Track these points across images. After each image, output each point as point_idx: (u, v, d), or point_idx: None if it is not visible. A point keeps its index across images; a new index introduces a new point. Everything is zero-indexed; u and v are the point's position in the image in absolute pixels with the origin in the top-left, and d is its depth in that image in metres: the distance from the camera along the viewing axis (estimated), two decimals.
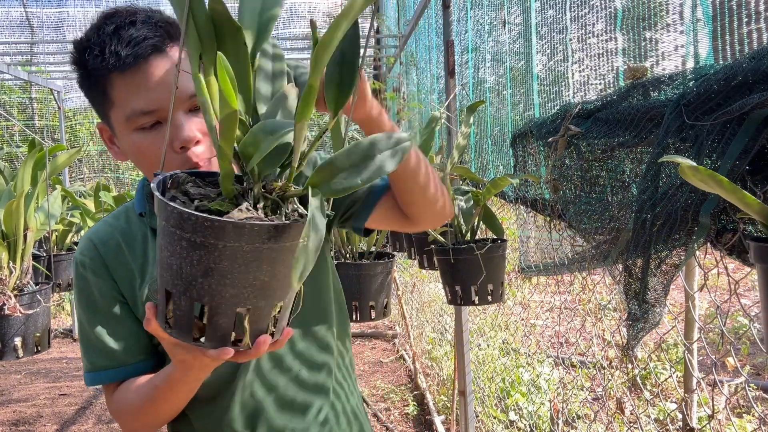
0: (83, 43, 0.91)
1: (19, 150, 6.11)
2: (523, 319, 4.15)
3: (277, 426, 1.03)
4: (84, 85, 0.95)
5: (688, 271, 1.48)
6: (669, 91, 0.97)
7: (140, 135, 0.92)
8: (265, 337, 0.68)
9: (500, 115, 2.10)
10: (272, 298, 0.67)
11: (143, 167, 0.96)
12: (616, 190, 1.13)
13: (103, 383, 0.99)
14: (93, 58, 0.89)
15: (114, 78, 0.90)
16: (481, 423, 3.08)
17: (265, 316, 0.68)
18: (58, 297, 6.48)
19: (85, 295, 1.00)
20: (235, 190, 0.69)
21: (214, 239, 0.62)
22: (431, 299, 4.72)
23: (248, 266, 0.63)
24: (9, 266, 2.05)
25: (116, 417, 1.00)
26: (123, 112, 0.91)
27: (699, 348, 1.98)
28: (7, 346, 1.93)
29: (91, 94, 0.95)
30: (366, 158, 0.66)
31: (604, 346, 3.64)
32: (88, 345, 1.00)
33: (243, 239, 0.62)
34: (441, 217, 1.05)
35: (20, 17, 5.07)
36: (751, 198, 0.47)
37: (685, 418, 1.63)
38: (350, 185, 0.66)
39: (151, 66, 0.89)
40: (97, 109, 0.98)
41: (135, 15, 0.90)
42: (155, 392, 0.92)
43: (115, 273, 0.99)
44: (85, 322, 0.99)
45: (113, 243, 1.01)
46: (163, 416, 0.98)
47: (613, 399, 2.92)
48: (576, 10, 1.44)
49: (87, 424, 3.93)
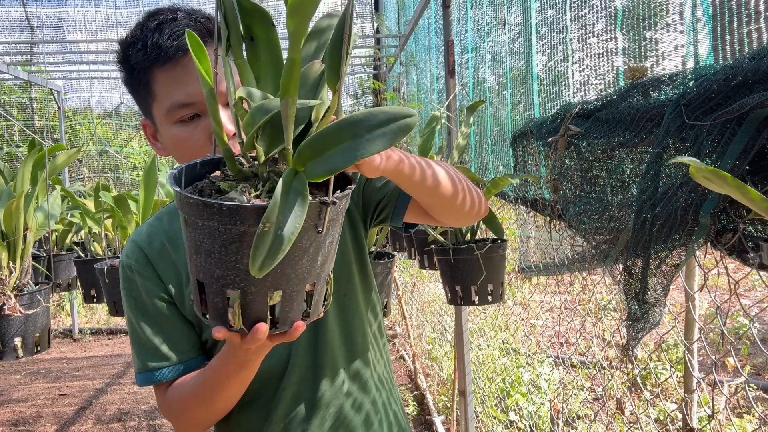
0: (128, 41, 0.95)
1: (19, 150, 6.10)
2: (523, 319, 4.15)
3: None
4: (129, 83, 0.98)
5: (688, 271, 1.48)
6: (669, 91, 0.97)
7: (179, 127, 0.95)
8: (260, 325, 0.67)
9: (500, 115, 2.10)
10: (262, 285, 0.65)
11: (184, 159, 0.98)
12: (616, 190, 1.12)
13: (155, 383, 0.99)
14: (136, 52, 0.93)
15: (156, 72, 0.93)
16: (481, 423, 3.08)
17: (260, 303, 0.67)
18: (58, 297, 6.48)
19: (133, 297, 1.01)
20: (246, 172, 0.68)
21: (194, 217, 0.63)
22: (431, 299, 4.72)
23: (226, 247, 0.63)
24: (9, 266, 2.05)
25: (169, 415, 0.99)
26: (164, 105, 0.94)
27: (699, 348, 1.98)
28: (7, 346, 1.93)
29: (135, 91, 0.98)
30: (355, 135, 0.61)
31: (604, 346, 3.64)
32: (140, 346, 1.00)
33: (215, 219, 0.61)
34: (470, 217, 1.03)
35: (20, 17, 5.07)
36: (755, 193, 0.47)
37: (685, 418, 1.63)
38: (332, 166, 0.61)
39: (190, 59, 0.92)
40: (142, 106, 1.00)
41: (177, 12, 0.94)
42: (209, 381, 0.93)
43: (161, 273, 1.00)
44: (135, 324, 1.00)
45: (157, 243, 1.02)
46: (216, 409, 0.97)
47: (613, 399, 2.92)
48: (576, 9, 1.44)
49: (87, 424, 3.92)
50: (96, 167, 6.65)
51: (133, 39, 0.94)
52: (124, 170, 6.63)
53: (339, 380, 1.04)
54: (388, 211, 1.05)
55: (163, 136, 0.98)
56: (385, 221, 1.08)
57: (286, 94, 0.61)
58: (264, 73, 0.70)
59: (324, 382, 1.03)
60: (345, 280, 1.05)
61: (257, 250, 0.55)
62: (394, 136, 0.60)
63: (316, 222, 0.63)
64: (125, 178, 6.66)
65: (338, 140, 0.61)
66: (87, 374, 4.92)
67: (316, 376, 1.03)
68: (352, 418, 1.05)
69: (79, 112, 6.81)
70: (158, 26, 0.92)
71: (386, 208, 1.05)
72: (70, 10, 5.07)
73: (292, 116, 0.62)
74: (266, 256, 0.55)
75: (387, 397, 1.13)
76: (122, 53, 0.96)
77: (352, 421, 1.05)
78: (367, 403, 1.07)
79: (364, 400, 1.07)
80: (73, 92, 6.10)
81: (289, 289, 0.67)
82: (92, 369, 5.06)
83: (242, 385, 0.93)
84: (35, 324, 2.00)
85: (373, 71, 5.27)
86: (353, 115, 0.62)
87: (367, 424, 1.07)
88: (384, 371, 1.14)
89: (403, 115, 0.61)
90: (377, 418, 1.09)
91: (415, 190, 0.93)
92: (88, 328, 6.15)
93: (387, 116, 0.61)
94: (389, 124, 0.61)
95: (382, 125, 0.61)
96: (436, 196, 0.94)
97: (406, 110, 0.62)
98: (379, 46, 4.81)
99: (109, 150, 6.42)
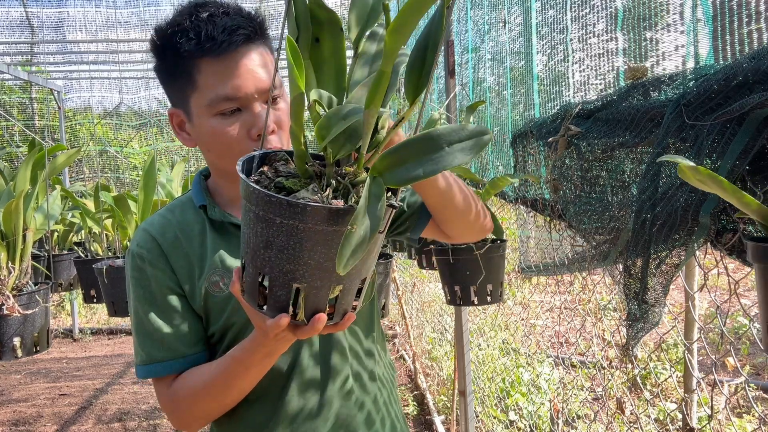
0: (174, 29, 0.94)
1: (19, 150, 6.10)
2: (523, 319, 4.15)
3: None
4: (166, 69, 0.98)
5: (688, 271, 1.48)
6: (669, 91, 0.97)
7: (219, 120, 0.95)
8: (321, 315, 0.71)
9: (500, 115, 2.10)
10: (328, 280, 0.69)
11: (216, 151, 0.99)
12: (616, 190, 1.12)
13: (159, 375, 0.99)
14: (187, 41, 0.92)
15: (204, 63, 0.93)
16: (481, 423, 3.07)
17: (323, 296, 0.70)
18: (58, 297, 6.48)
19: (142, 286, 1.00)
20: (310, 171, 0.71)
21: (272, 214, 0.65)
22: (431, 299, 4.72)
23: (302, 245, 0.65)
24: (8, 266, 2.05)
25: (173, 408, 0.99)
26: (206, 97, 0.95)
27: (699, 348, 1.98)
28: (6, 346, 1.92)
29: (172, 78, 0.98)
30: (436, 149, 0.65)
31: (604, 346, 3.64)
32: (145, 336, 1.00)
33: (297, 218, 0.64)
34: (479, 233, 1.09)
35: (20, 17, 5.06)
36: (749, 198, 0.47)
37: (685, 418, 1.63)
38: (413, 176, 0.65)
39: (241, 54, 0.93)
40: (176, 94, 1.00)
41: (227, 6, 0.95)
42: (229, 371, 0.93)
43: (174, 265, 1.00)
44: (142, 314, 1.00)
45: (171, 234, 1.02)
46: (226, 402, 0.98)
47: (613, 399, 2.92)
48: (577, 9, 1.43)
49: (87, 424, 3.92)
50: (96, 167, 6.65)
51: (181, 27, 0.93)
52: (124, 170, 6.63)
53: (344, 380, 1.05)
54: (410, 224, 1.10)
55: (199, 127, 0.98)
56: (403, 233, 1.12)
57: (371, 104, 0.64)
58: (327, 75, 0.73)
59: (330, 381, 1.03)
60: None
61: (344, 249, 0.58)
62: (472, 151, 0.64)
63: None
64: (125, 178, 6.66)
65: (421, 152, 0.65)
66: (87, 374, 4.93)
67: (324, 375, 1.03)
68: (355, 416, 1.05)
69: (80, 112, 6.81)
70: (210, 17, 0.93)
71: (408, 220, 1.10)
72: (70, 10, 5.07)
73: (371, 125, 0.66)
74: (350, 255, 0.58)
75: (388, 397, 1.14)
76: (166, 40, 0.94)
77: (354, 419, 1.05)
78: (368, 403, 1.08)
79: (366, 400, 1.08)
80: (74, 92, 6.09)
81: (349, 283, 0.71)
82: (92, 369, 5.07)
83: (259, 375, 0.94)
84: (34, 324, 2.00)
85: None
86: (435, 130, 0.65)
87: (369, 423, 1.07)
88: (385, 372, 1.15)
89: (481, 132, 0.65)
90: (379, 417, 1.09)
91: (442, 204, 0.98)
92: (88, 328, 6.15)
93: (467, 132, 0.65)
94: (469, 139, 0.65)
95: (462, 141, 0.65)
96: (458, 211, 0.99)
97: (484, 128, 0.65)
98: None
99: (109, 150, 6.42)
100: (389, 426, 1.11)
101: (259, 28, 0.96)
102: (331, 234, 0.65)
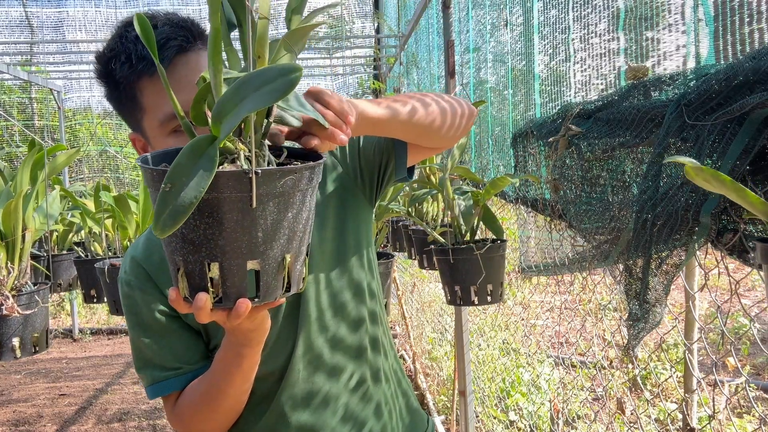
0: (107, 54, 0.91)
1: (19, 150, 6.10)
2: (523, 319, 4.14)
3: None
4: (113, 97, 0.94)
5: (688, 271, 1.47)
6: (670, 91, 0.97)
7: (176, 138, 0.91)
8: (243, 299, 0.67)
9: (501, 115, 2.10)
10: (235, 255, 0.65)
11: None
12: (617, 190, 1.12)
13: (165, 393, 0.99)
14: (120, 65, 0.89)
15: (143, 84, 0.90)
16: (481, 423, 3.07)
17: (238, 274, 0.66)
18: (58, 297, 6.47)
19: (134, 313, 1.00)
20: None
21: (150, 187, 0.66)
22: (431, 299, 4.72)
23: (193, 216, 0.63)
24: (7, 266, 2.04)
25: (180, 424, 0.99)
26: (156, 118, 0.91)
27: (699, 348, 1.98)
28: (5, 347, 1.92)
29: (121, 105, 0.95)
30: (248, 94, 0.62)
31: (604, 346, 3.64)
32: (145, 362, 1.00)
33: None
34: (462, 127, 1.03)
35: (20, 17, 5.06)
36: (754, 196, 0.47)
37: (686, 418, 1.63)
38: (233, 124, 0.61)
39: (178, 66, 0.89)
40: (129, 120, 0.97)
41: (155, 18, 0.91)
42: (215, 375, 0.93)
43: (162, 286, 0.99)
44: (137, 340, 1.00)
45: (156, 255, 1.01)
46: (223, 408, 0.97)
47: (614, 399, 2.92)
48: (579, 9, 1.43)
49: (87, 424, 3.92)
50: (96, 167, 6.65)
51: (113, 52, 0.90)
52: (124, 170, 6.62)
53: (349, 374, 1.05)
54: (393, 163, 1.05)
55: (158, 148, 0.95)
56: (392, 176, 1.07)
57: (211, 64, 0.64)
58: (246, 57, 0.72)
59: (333, 377, 1.03)
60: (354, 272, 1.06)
61: (159, 208, 0.57)
62: (281, 91, 0.60)
63: (244, 193, 0.63)
64: (125, 178, 6.66)
65: (237, 99, 0.62)
66: (87, 374, 4.92)
67: (327, 371, 1.03)
68: (363, 408, 1.06)
69: (79, 112, 6.81)
70: (138, 36, 0.88)
71: (389, 161, 1.05)
72: (70, 10, 5.07)
73: (220, 84, 0.65)
74: (167, 215, 0.57)
75: (395, 389, 1.14)
76: (102, 68, 0.91)
77: (363, 410, 1.05)
78: (377, 395, 1.08)
79: (375, 393, 1.08)
80: (73, 92, 6.09)
81: (226, 262, 0.66)
82: (92, 369, 5.06)
83: (245, 378, 0.93)
84: (33, 324, 1.99)
85: (374, 71, 5.27)
86: (247, 74, 0.63)
87: (378, 414, 1.07)
88: (394, 363, 1.16)
89: (288, 70, 0.61)
90: (386, 409, 1.09)
91: (409, 126, 0.93)
92: (88, 328, 6.15)
93: (274, 72, 0.62)
94: (276, 80, 0.61)
95: (269, 82, 0.62)
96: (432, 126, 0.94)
97: (292, 66, 0.62)
98: (379, 46, 4.80)
99: (109, 150, 6.41)
100: (397, 417, 1.12)
101: (192, 33, 0.91)
102: (206, 203, 0.61)
